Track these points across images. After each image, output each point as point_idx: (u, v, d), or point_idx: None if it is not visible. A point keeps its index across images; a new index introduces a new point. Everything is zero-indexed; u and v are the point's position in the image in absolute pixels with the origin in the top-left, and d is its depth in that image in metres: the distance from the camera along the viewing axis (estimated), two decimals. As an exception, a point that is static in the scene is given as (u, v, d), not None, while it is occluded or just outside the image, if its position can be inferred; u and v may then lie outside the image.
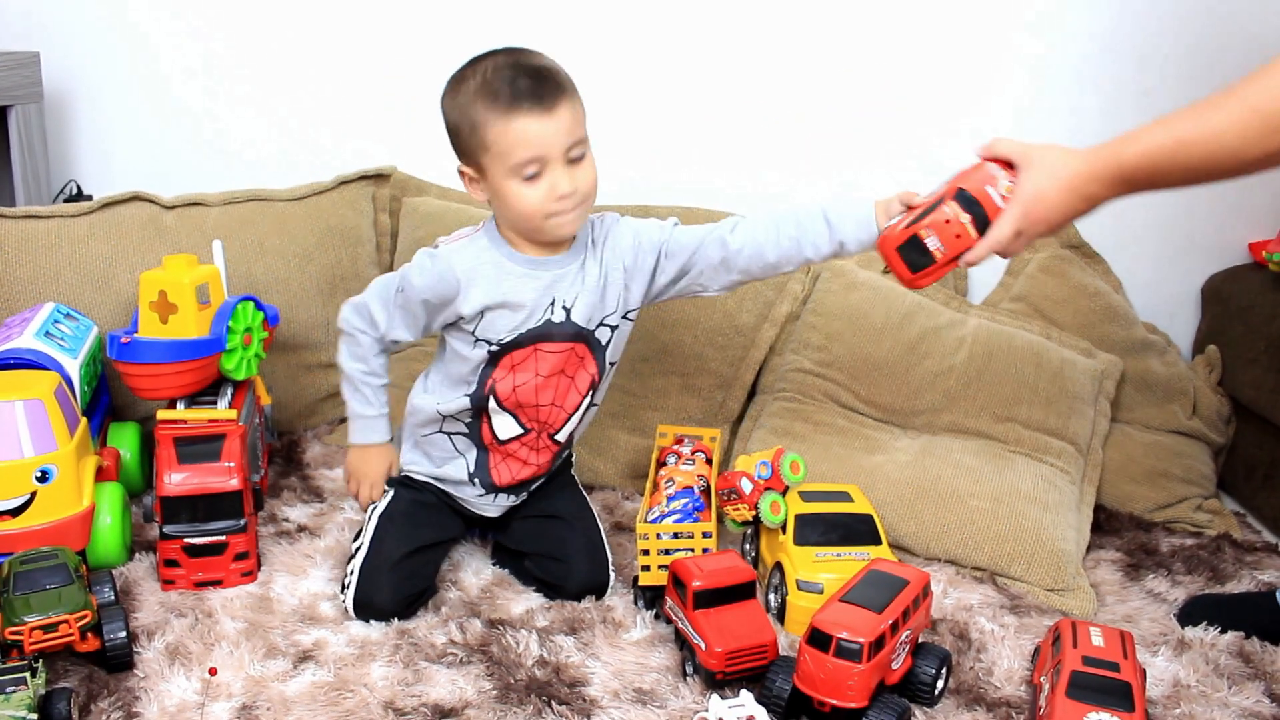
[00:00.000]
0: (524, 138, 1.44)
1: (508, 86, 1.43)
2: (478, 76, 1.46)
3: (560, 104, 1.44)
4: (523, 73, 1.44)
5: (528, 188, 1.47)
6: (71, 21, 2.33)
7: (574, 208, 1.50)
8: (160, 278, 1.76)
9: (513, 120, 1.43)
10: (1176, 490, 2.05)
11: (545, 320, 1.57)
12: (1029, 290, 2.32)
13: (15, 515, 1.57)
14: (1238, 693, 1.49)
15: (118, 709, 1.36)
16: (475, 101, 1.45)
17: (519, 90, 1.42)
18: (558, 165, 1.47)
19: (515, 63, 1.45)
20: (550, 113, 1.43)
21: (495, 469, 1.68)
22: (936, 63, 2.31)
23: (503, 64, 1.45)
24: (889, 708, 1.33)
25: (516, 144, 1.44)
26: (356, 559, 1.61)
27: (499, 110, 1.43)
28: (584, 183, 1.50)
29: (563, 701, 1.40)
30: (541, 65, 1.46)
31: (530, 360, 1.59)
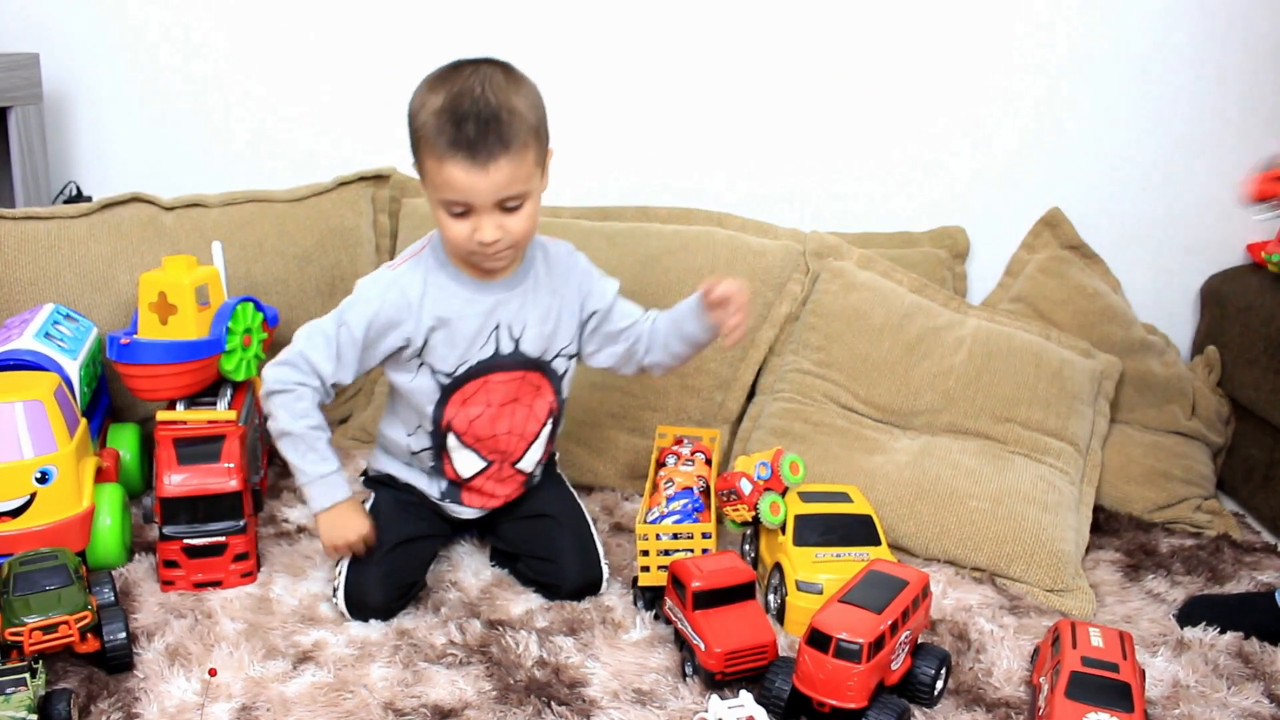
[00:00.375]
0: (451, 183, 1.42)
1: (451, 128, 1.39)
2: (438, 100, 1.41)
3: (497, 160, 1.40)
4: (472, 118, 1.38)
5: (454, 221, 1.46)
6: (71, 23, 2.33)
7: (497, 252, 1.49)
8: (160, 279, 1.76)
9: (445, 164, 1.41)
10: (1176, 491, 2.05)
11: (494, 352, 1.57)
12: (1028, 291, 2.32)
13: (15, 516, 1.57)
14: (1237, 693, 1.49)
15: (117, 710, 1.36)
16: (424, 126, 1.42)
17: (460, 138, 1.39)
18: (486, 212, 1.44)
19: (478, 98, 1.39)
20: (483, 168, 1.40)
21: (464, 498, 1.70)
22: (935, 65, 2.31)
23: (468, 94, 1.40)
24: (888, 708, 1.33)
25: (445, 185, 1.43)
26: (344, 559, 1.61)
27: (437, 150, 1.41)
28: (515, 230, 1.47)
29: (562, 702, 1.40)
30: (494, 113, 1.39)
31: (481, 392, 1.60)
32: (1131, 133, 2.33)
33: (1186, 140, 2.33)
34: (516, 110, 1.41)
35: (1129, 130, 2.33)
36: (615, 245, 2.15)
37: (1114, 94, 2.31)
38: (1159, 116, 2.32)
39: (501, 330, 1.57)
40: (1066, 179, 2.36)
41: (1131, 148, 2.34)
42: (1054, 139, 2.35)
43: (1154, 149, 2.34)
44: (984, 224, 2.39)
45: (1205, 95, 2.30)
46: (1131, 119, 2.33)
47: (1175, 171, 2.35)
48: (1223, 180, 2.34)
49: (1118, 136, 2.34)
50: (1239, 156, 2.32)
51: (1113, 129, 2.33)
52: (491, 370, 1.58)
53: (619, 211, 2.26)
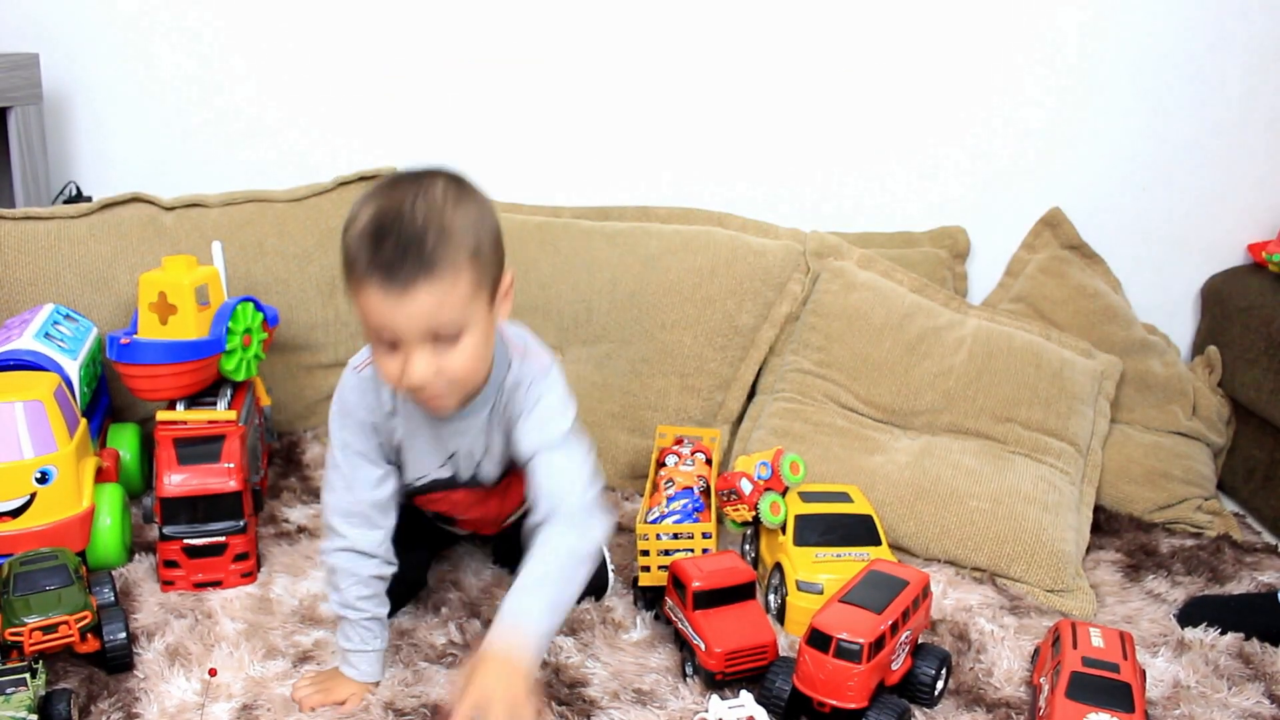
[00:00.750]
0: (369, 310, 1.21)
1: (370, 247, 1.18)
2: (356, 224, 1.21)
3: (417, 284, 1.17)
4: (389, 237, 1.18)
5: (384, 355, 1.24)
6: (71, 23, 2.33)
7: (431, 397, 1.28)
8: (160, 279, 1.76)
9: (363, 287, 1.20)
10: (1176, 491, 2.05)
11: (453, 475, 1.46)
12: (1028, 291, 2.32)
13: (15, 516, 1.57)
14: (1238, 694, 1.49)
15: (118, 710, 1.35)
16: (347, 245, 1.22)
17: (375, 260, 1.18)
18: (414, 346, 1.22)
19: (385, 222, 1.19)
20: (402, 295, 1.18)
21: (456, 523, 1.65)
22: (936, 65, 2.31)
23: (375, 216, 1.20)
24: (889, 708, 1.33)
25: (365, 312, 1.22)
26: None
27: (355, 271, 1.20)
28: (453, 369, 1.24)
29: (562, 702, 1.40)
30: (419, 232, 1.18)
31: (444, 500, 1.53)
32: (1132, 133, 2.33)
33: (1187, 140, 2.33)
34: (450, 230, 1.19)
35: (1129, 130, 2.33)
36: (615, 245, 2.15)
37: (1114, 94, 2.31)
38: (1160, 116, 2.32)
39: (460, 458, 1.44)
40: (1067, 179, 2.36)
41: (1132, 148, 2.34)
42: (1054, 139, 2.35)
43: (1154, 149, 2.34)
44: (984, 224, 2.39)
45: (1206, 95, 2.30)
46: (1132, 119, 2.33)
47: (1176, 171, 2.35)
48: (1223, 180, 2.34)
49: (1118, 136, 2.34)
50: (1239, 157, 2.33)
51: (1113, 129, 2.33)
52: (452, 489, 1.49)
53: (619, 211, 2.26)
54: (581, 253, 2.17)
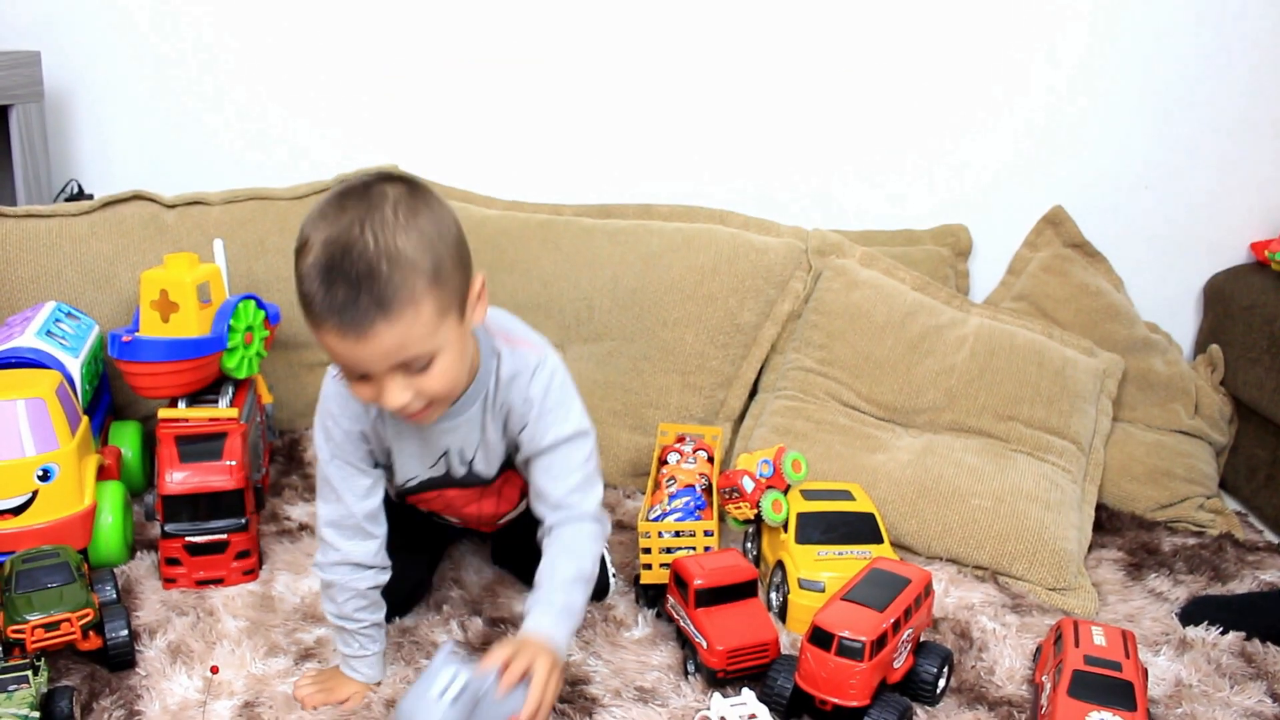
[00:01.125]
0: (332, 352, 1.17)
1: (319, 291, 1.12)
2: (308, 256, 1.14)
3: (375, 326, 1.12)
4: (341, 279, 1.11)
5: (357, 386, 1.21)
6: (72, 20, 2.33)
7: (412, 415, 1.24)
8: (161, 276, 1.76)
9: (320, 330, 1.15)
10: (1178, 490, 2.05)
11: (445, 472, 1.43)
12: (1031, 289, 2.32)
13: (17, 514, 1.57)
14: (1239, 692, 1.49)
15: (120, 707, 1.36)
16: (298, 282, 1.16)
17: (328, 303, 1.12)
18: (384, 377, 1.18)
19: (334, 258, 1.12)
20: (359, 337, 1.12)
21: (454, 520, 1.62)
22: (938, 63, 2.30)
23: (324, 249, 1.13)
24: (890, 706, 1.33)
25: (330, 352, 1.18)
26: None
27: (310, 313, 1.15)
28: (431, 390, 1.20)
29: (564, 700, 1.40)
30: (369, 269, 1.11)
31: (438, 500, 1.50)
32: (1134, 131, 2.33)
33: (1190, 138, 2.32)
34: (401, 258, 1.12)
35: (1132, 128, 2.33)
36: (617, 243, 2.15)
37: (1117, 92, 2.31)
38: (1162, 114, 2.32)
39: (451, 455, 1.40)
40: (1069, 177, 2.36)
41: (1134, 146, 2.34)
42: (1056, 137, 2.34)
43: (1157, 147, 2.33)
44: (986, 222, 2.39)
45: (1209, 93, 2.30)
46: (1134, 117, 2.32)
47: (1178, 170, 2.34)
48: (1226, 179, 2.34)
49: (1120, 134, 2.33)
50: (1242, 155, 2.33)
51: (1115, 127, 2.33)
52: (446, 486, 1.46)
53: (621, 209, 2.26)
54: (583, 251, 2.17)
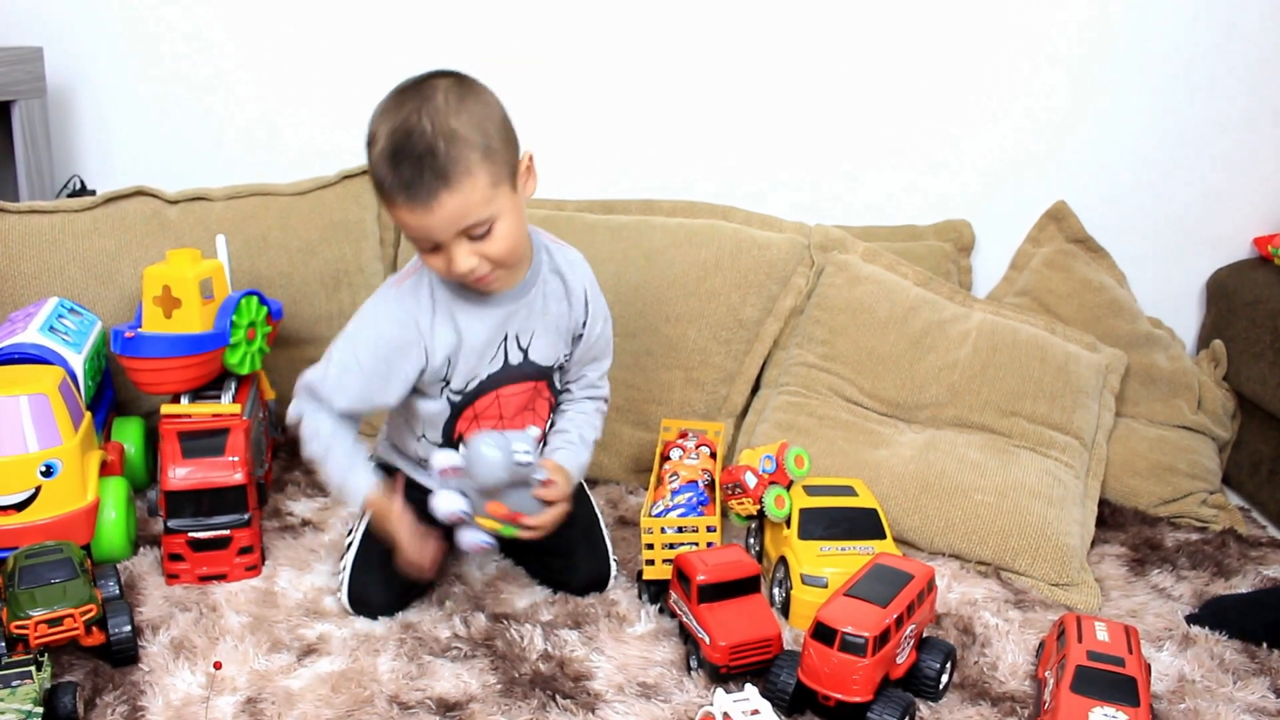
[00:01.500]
0: (404, 225, 1.37)
1: (390, 172, 1.33)
2: (376, 146, 1.36)
3: (439, 197, 1.32)
4: (406, 158, 1.32)
5: (429, 256, 1.41)
6: (74, 16, 2.33)
7: (481, 278, 1.42)
8: (164, 272, 1.76)
9: (393, 208, 1.36)
10: (1181, 485, 2.05)
11: (503, 364, 1.54)
12: (1033, 284, 2.31)
13: (20, 510, 1.57)
14: (1243, 688, 1.49)
15: (123, 703, 1.36)
16: (372, 169, 1.37)
17: (397, 182, 1.33)
18: (452, 244, 1.38)
19: (400, 143, 1.32)
20: (427, 208, 1.33)
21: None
22: (941, 58, 2.30)
23: (401, 130, 1.33)
24: (893, 702, 1.33)
25: (402, 227, 1.39)
26: (348, 555, 1.61)
27: (383, 194, 1.36)
28: (494, 253, 1.40)
29: (567, 695, 1.40)
30: (429, 147, 1.31)
31: (493, 406, 1.57)
32: (1138, 126, 2.32)
33: (1193, 133, 2.32)
34: (457, 136, 1.32)
35: (1135, 123, 2.33)
36: (619, 239, 2.14)
37: (1120, 87, 2.30)
38: (1165, 109, 2.31)
39: (510, 341, 1.53)
40: (1072, 172, 2.35)
41: (1137, 141, 2.33)
42: (1060, 132, 2.34)
43: (1160, 142, 2.33)
44: (989, 217, 2.39)
45: (1212, 88, 2.29)
46: (1138, 112, 2.32)
47: (1181, 165, 2.34)
48: (1229, 174, 2.34)
49: (1124, 130, 2.33)
50: (1245, 150, 2.32)
51: (1119, 122, 2.33)
52: (501, 384, 1.55)
53: (623, 205, 2.26)
54: (585, 246, 2.14)
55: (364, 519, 1.63)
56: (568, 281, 1.57)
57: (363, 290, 2.23)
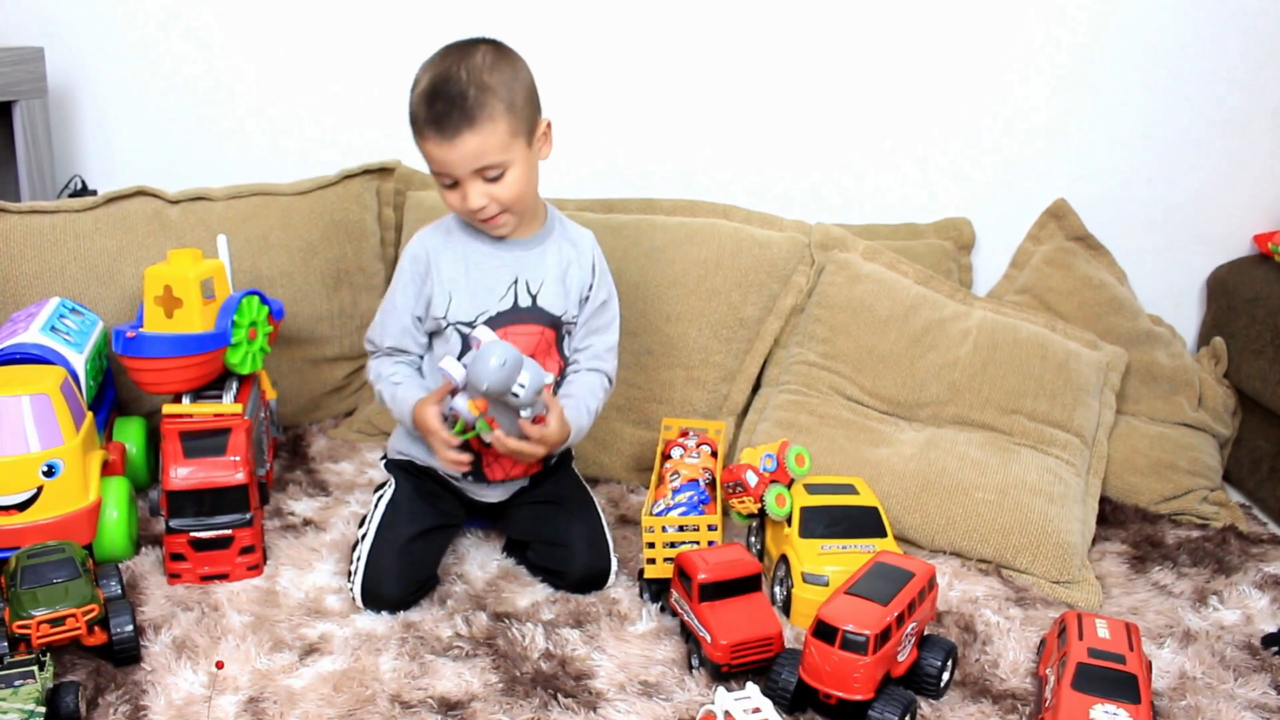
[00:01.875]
0: (429, 157, 1.57)
1: (424, 109, 1.54)
2: (417, 87, 1.56)
3: (463, 134, 1.52)
4: (440, 97, 1.52)
5: (447, 193, 1.60)
6: (76, 17, 2.33)
7: (490, 218, 1.61)
8: (165, 272, 1.76)
9: (423, 140, 1.56)
10: (1182, 482, 2.05)
11: (513, 305, 1.66)
12: (1034, 282, 2.31)
13: (22, 509, 1.58)
14: (1244, 685, 1.49)
15: (125, 702, 1.36)
16: (412, 103, 1.57)
17: (430, 116, 1.53)
18: (469, 183, 1.57)
19: (448, 79, 1.53)
20: (451, 142, 1.53)
21: (488, 468, 1.70)
22: (941, 56, 2.30)
23: (440, 75, 1.54)
24: (894, 700, 1.33)
25: (427, 159, 1.58)
26: (363, 545, 1.63)
27: (416, 127, 1.56)
28: (503, 196, 1.59)
29: (569, 694, 1.40)
30: (462, 91, 1.52)
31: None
32: (1137, 123, 2.32)
33: (1193, 131, 2.32)
34: (487, 87, 1.53)
35: (1135, 121, 2.32)
36: (620, 237, 2.14)
37: (1120, 85, 2.30)
38: (1165, 107, 2.31)
39: (519, 285, 1.67)
40: (1072, 170, 2.35)
41: (1137, 138, 2.33)
42: (1060, 130, 2.34)
43: (1160, 140, 2.33)
44: (989, 215, 2.39)
45: (1212, 86, 2.29)
46: (1138, 110, 2.32)
47: (1181, 162, 2.34)
48: (1229, 171, 2.34)
49: (1124, 127, 2.33)
50: (1245, 147, 2.32)
51: (1119, 120, 2.33)
52: (511, 322, 1.65)
53: (623, 204, 2.26)
54: (586, 245, 2.17)
55: (379, 509, 1.67)
56: (579, 246, 1.73)
57: (363, 290, 2.24)
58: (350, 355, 2.25)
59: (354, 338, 2.23)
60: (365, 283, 2.24)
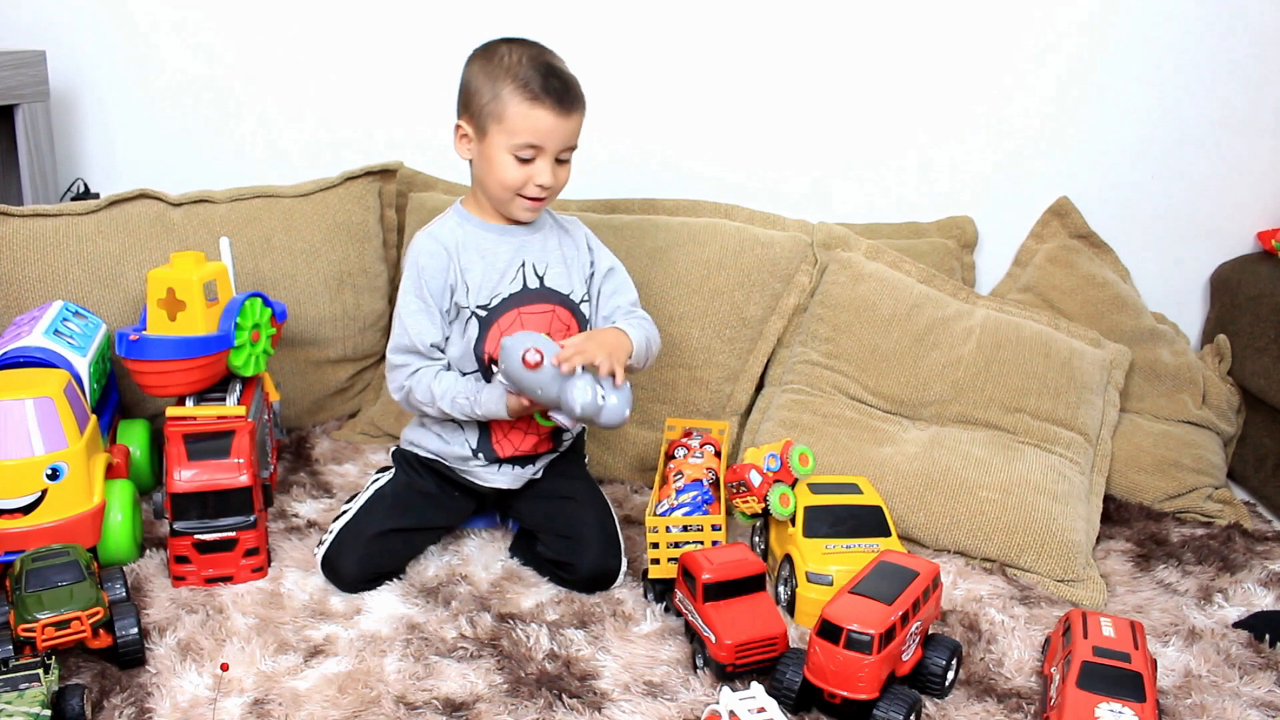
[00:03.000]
0: (537, 127, 1.61)
1: (541, 79, 1.61)
2: (514, 56, 1.63)
3: (575, 112, 1.64)
4: (556, 75, 1.62)
5: (519, 166, 1.64)
6: (77, 20, 2.33)
7: (539, 199, 1.68)
8: (168, 275, 1.76)
9: (535, 108, 1.61)
10: (1186, 480, 2.05)
11: (523, 286, 1.71)
12: (1037, 280, 2.31)
13: (26, 513, 1.58)
14: (1249, 683, 1.49)
15: (130, 705, 1.36)
16: (506, 77, 1.61)
17: (550, 87, 1.61)
18: (548, 158, 1.65)
19: (550, 64, 1.63)
20: (566, 116, 1.63)
21: (498, 443, 1.73)
22: (943, 55, 2.30)
23: (539, 58, 1.63)
24: (899, 699, 1.33)
25: (528, 129, 1.61)
26: (339, 521, 1.68)
27: (528, 95, 1.60)
28: (562, 180, 1.68)
29: (573, 695, 1.40)
30: (570, 75, 1.65)
31: (516, 323, 1.69)
32: (1140, 121, 2.32)
33: (1195, 128, 2.32)
34: (575, 77, 1.67)
35: (1138, 119, 2.32)
36: (622, 238, 2.14)
37: (1122, 83, 2.30)
38: (1168, 105, 2.31)
39: (527, 267, 1.71)
40: (1075, 168, 2.35)
41: (1140, 136, 2.33)
42: (1062, 128, 2.34)
43: (1163, 137, 2.33)
44: (992, 214, 2.39)
45: (1214, 83, 2.29)
46: (1140, 107, 2.32)
47: (1184, 160, 2.34)
48: (1232, 168, 2.33)
49: (1126, 125, 2.33)
50: (1248, 144, 2.32)
51: (1121, 118, 2.33)
52: (522, 303, 1.70)
53: (626, 204, 2.26)
54: (588, 246, 2.17)
55: (366, 494, 1.73)
56: (570, 231, 1.80)
57: (366, 291, 2.24)
58: (354, 357, 2.25)
59: (357, 339, 2.23)
60: (368, 284, 2.24)
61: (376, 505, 1.71)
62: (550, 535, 1.71)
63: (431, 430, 1.75)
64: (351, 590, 1.64)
